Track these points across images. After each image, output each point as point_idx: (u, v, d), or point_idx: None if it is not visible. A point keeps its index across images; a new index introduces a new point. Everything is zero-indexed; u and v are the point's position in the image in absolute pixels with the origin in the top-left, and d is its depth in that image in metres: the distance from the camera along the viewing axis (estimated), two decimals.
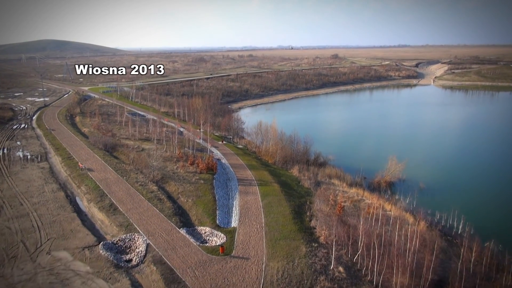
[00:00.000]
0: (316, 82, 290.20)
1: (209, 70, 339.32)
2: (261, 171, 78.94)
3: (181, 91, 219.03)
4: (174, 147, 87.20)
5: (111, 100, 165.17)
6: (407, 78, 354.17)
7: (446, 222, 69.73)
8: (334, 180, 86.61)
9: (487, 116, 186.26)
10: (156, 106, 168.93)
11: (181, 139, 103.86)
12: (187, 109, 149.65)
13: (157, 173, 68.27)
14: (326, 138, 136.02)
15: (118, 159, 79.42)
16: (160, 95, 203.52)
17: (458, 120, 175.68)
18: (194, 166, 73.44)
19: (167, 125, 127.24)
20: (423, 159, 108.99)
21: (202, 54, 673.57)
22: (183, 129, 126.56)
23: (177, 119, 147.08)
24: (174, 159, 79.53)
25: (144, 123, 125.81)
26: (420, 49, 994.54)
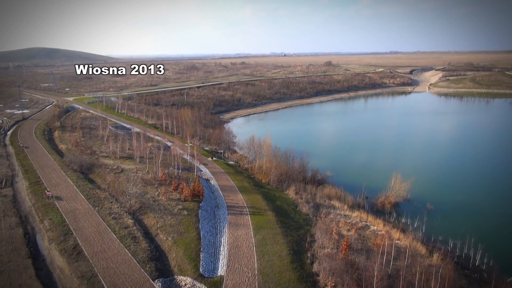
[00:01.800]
0: (310, 90, 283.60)
1: (201, 78, 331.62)
2: (254, 195, 70.74)
3: (171, 101, 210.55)
4: (157, 167, 78.76)
5: (95, 112, 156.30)
6: (401, 85, 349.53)
7: (461, 251, 62.12)
8: (334, 201, 78.79)
9: (494, 125, 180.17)
10: (143, 117, 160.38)
11: (167, 155, 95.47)
12: (176, 121, 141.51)
13: (135, 201, 59.81)
14: (323, 151, 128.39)
15: (93, 183, 70.73)
16: (148, 105, 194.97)
17: (464, 130, 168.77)
18: (178, 191, 65.06)
19: (153, 139, 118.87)
20: (428, 175, 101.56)
21: (194, 61, 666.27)
22: (171, 144, 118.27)
23: (165, 132, 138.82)
24: (156, 182, 71.04)
25: (128, 138, 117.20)
26: (412, 55, 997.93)
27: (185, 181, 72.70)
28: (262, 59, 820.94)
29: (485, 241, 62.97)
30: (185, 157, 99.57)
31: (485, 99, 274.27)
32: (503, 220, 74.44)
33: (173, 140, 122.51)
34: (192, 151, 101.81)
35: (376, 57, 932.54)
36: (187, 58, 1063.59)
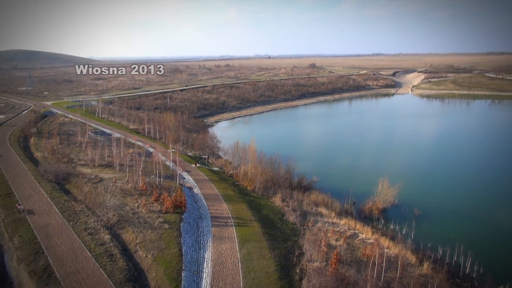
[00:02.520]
0: (295, 93, 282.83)
1: (184, 81, 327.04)
2: (239, 204, 68.21)
3: (154, 105, 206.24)
4: (138, 176, 75.38)
5: (74, 117, 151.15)
6: (385, 87, 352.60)
7: (451, 259, 60.91)
8: (321, 208, 76.96)
9: (477, 127, 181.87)
10: (124, 122, 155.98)
11: (149, 162, 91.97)
12: (158, 126, 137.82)
13: (113, 214, 56.47)
14: (309, 155, 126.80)
15: (69, 195, 66.92)
16: (130, 109, 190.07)
17: (449, 133, 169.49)
18: (159, 202, 61.96)
19: (134, 145, 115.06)
20: (415, 179, 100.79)
21: (178, 64, 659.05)
22: (153, 150, 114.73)
23: (147, 137, 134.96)
24: (136, 193, 67.72)
25: (108, 144, 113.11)
26: (394, 57, 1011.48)
27: (167, 190, 69.59)
28: (246, 61, 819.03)
29: (474, 247, 61.92)
30: (167, 164, 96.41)
31: (466, 100, 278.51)
32: (491, 225, 73.78)
33: (155, 146, 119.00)
34: (174, 157, 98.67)
35: (359, 59, 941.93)
36: (171, 60, 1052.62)
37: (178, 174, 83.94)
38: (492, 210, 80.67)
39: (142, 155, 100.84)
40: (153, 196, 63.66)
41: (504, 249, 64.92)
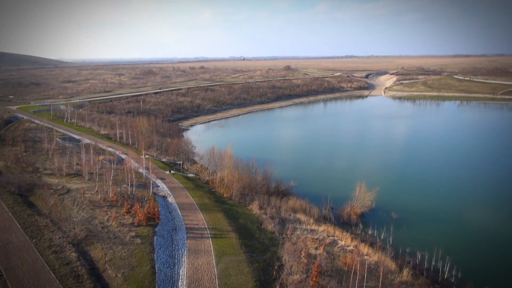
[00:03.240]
0: (271, 95, 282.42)
1: (158, 83, 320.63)
2: (216, 213, 65.85)
3: (126, 108, 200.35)
4: (108, 185, 71.65)
5: (41, 122, 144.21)
6: (359, 89, 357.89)
7: (430, 264, 60.81)
8: (299, 214, 75.67)
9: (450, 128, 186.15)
10: (95, 127, 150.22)
11: (120, 170, 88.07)
12: (131, 130, 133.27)
13: (81, 229, 52.89)
14: (285, 159, 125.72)
15: (33, 208, 62.51)
16: (101, 113, 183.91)
17: (423, 134, 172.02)
18: (131, 214, 58.73)
19: (105, 152, 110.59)
20: (390, 182, 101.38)
21: (151, 66, 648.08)
22: (125, 156, 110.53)
23: (118, 142, 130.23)
24: (106, 204, 64.11)
25: (77, 151, 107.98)
26: (367, 59, 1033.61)
27: (140, 201, 66.40)
28: (221, 63, 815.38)
29: (452, 251, 62.10)
30: (140, 171, 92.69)
31: (436, 101, 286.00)
32: (468, 228, 74.43)
33: (127, 152, 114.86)
34: (148, 164, 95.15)
35: (333, 61, 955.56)
36: (144, 62, 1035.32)
37: (151, 182, 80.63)
38: (468, 211, 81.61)
39: (113, 162, 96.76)
40: (124, 207, 60.32)
41: (480, 252, 65.46)
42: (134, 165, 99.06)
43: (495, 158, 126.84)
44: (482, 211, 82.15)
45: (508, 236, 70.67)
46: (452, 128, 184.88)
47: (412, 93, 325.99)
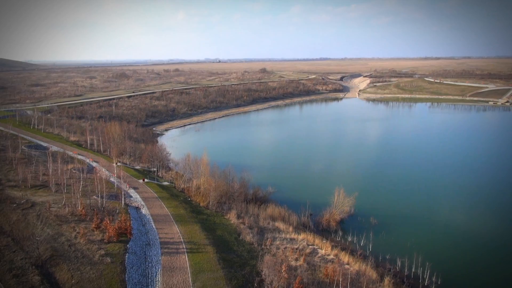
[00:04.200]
0: (247, 98, 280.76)
1: (131, 87, 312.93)
2: (192, 225, 63.20)
3: (98, 113, 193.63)
4: (77, 198, 67.59)
5: (5, 129, 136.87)
6: (334, 91, 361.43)
7: (410, 270, 60.40)
8: (278, 223, 74.02)
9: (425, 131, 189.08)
10: (64, 133, 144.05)
11: (91, 180, 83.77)
12: (102, 137, 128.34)
13: (46, 248, 49.10)
14: (263, 165, 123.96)
15: None
16: (71, 119, 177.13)
17: (400, 137, 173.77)
18: (101, 229, 55.25)
19: (75, 159, 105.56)
20: (368, 186, 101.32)
21: (124, 68, 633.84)
22: (95, 164, 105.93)
23: (89, 150, 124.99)
24: (74, 219, 60.23)
25: (44, 160, 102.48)
26: (341, 62, 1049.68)
27: (111, 214, 62.92)
28: (196, 66, 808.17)
29: (431, 257, 61.91)
30: (112, 181, 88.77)
31: (408, 103, 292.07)
32: (446, 232, 74.50)
33: (98, 160, 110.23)
34: (120, 172, 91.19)
35: (308, 63, 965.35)
36: (117, 64, 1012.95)
37: (123, 193, 76.99)
38: (446, 216, 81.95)
39: (83, 171, 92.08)
40: (93, 222, 56.71)
41: (459, 257, 65.64)
42: (106, 174, 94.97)
43: (472, 161, 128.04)
44: (461, 215, 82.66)
45: (487, 241, 71.00)
46: (426, 130, 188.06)
47: (385, 95, 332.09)
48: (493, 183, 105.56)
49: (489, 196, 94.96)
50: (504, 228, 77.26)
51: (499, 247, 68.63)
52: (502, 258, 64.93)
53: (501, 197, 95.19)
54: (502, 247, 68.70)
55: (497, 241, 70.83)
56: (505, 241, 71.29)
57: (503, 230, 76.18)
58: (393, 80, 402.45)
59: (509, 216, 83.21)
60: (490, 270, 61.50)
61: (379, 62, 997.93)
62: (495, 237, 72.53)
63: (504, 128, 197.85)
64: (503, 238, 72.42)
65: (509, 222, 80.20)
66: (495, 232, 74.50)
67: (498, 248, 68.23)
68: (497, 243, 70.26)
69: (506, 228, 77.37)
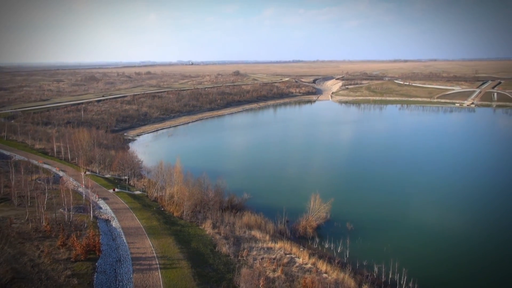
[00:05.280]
0: (221, 102, 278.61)
1: (101, 91, 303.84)
2: (165, 238, 60.77)
3: (65, 119, 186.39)
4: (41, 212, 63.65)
5: None
6: (307, 94, 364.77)
7: (387, 277, 60.33)
8: (254, 231, 72.69)
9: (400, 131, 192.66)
10: (29, 141, 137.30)
11: (57, 191, 79.56)
12: (70, 144, 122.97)
13: (6, 270, 45.49)
14: (238, 170, 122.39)
15: None
16: (36, 125, 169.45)
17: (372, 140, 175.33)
18: (68, 247, 51.98)
19: (40, 169, 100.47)
20: (343, 190, 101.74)
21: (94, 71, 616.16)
22: (63, 174, 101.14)
23: (56, 158, 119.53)
24: (38, 236, 56.53)
25: (7, 170, 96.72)
26: (313, 64, 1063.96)
27: (78, 229, 59.56)
28: (169, 68, 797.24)
29: (408, 262, 62.31)
30: (80, 191, 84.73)
31: (379, 105, 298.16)
32: (423, 236, 74.74)
33: (65, 169, 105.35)
34: (90, 180, 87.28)
35: (281, 65, 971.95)
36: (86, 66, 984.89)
37: (92, 204, 73.46)
38: (423, 220, 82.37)
39: (49, 181, 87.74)
40: (59, 239, 53.31)
41: (435, 261, 66.04)
42: (73, 184, 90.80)
43: (446, 163, 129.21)
44: (436, 219, 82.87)
45: (463, 244, 71.82)
46: (398, 133, 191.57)
47: (357, 98, 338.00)
48: (468, 184, 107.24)
49: (465, 198, 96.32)
50: (481, 230, 78.29)
51: (475, 250, 69.38)
52: (479, 261, 65.63)
53: (476, 198, 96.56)
54: (478, 250, 69.37)
55: (474, 244, 71.73)
56: (482, 244, 72.00)
57: (479, 232, 77.16)
58: (364, 83, 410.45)
59: (485, 218, 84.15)
60: (466, 274, 62.13)
61: (350, 64, 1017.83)
62: (472, 240, 73.57)
63: (471, 128, 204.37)
64: (479, 241, 73.27)
65: (485, 224, 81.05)
66: (472, 235, 75.66)
67: (475, 251, 68.98)
68: (473, 246, 71.11)
69: (483, 230, 78.32)
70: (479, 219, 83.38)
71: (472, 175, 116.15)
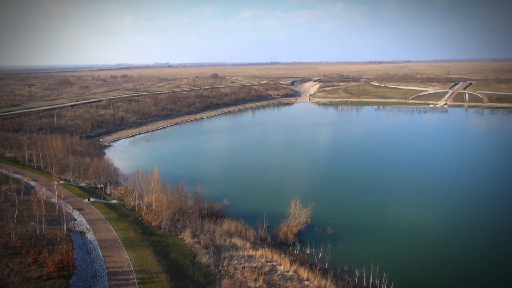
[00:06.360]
0: (199, 105, 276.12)
1: (75, 95, 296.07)
2: (143, 250, 59.00)
3: (38, 125, 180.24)
4: (11, 226, 60.66)
5: None
6: (285, 96, 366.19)
7: (368, 282, 60.57)
8: (235, 239, 71.72)
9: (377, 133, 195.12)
10: None
11: (28, 203, 76.29)
12: (43, 151, 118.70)
13: None
14: (217, 175, 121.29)
15: None
16: (6, 131, 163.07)
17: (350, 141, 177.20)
18: (39, 264, 49.56)
19: (11, 179, 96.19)
20: (323, 194, 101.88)
21: (68, 74, 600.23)
22: (35, 183, 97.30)
23: (28, 167, 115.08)
24: (7, 253, 53.68)
25: None
26: (291, 66, 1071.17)
27: (51, 243, 57.06)
28: (145, 71, 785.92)
29: (388, 266, 62.63)
30: (53, 202, 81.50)
31: (356, 107, 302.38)
32: (402, 240, 75.35)
33: (38, 178, 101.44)
34: (63, 192, 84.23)
35: (259, 67, 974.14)
36: (59, 69, 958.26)
37: (66, 216, 70.72)
38: (400, 222, 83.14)
39: (20, 192, 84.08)
40: (30, 256, 50.80)
41: (415, 264, 66.85)
42: (46, 195, 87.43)
43: (427, 164, 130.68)
44: (417, 222, 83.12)
45: (444, 246, 72.60)
46: (376, 134, 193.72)
47: (334, 99, 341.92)
48: (448, 185, 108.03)
49: (445, 200, 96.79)
50: (461, 232, 79.00)
51: (456, 252, 69.95)
52: (459, 264, 66.28)
53: (456, 199, 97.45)
54: (459, 253, 69.97)
55: (454, 246, 72.47)
56: (462, 245, 72.83)
57: (459, 234, 77.90)
58: (341, 85, 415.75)
59: (465, 219, 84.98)
60: (446, 277, 62.50)
61: (327, 66, 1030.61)
62: (452, 241, 74.37)
63: (446, 128, 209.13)
64: (459, 243, 74.03)
65: (465, 225, 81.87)
66: (452, 236, 76.51)
67: (455, 253, 69.52)
68: (454, 248, 71.81)
69: (462, 232, 79.06)
70: (459, 221, 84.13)
71: (451, 176, 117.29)
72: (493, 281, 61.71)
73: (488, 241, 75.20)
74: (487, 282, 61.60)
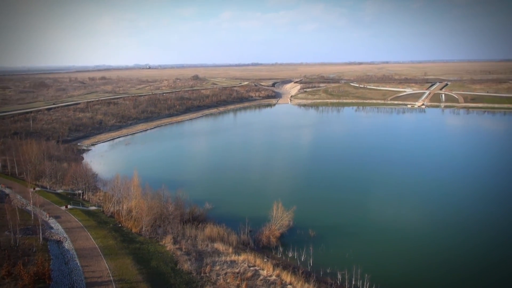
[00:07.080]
0: (180, 107, 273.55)
1: (52, 98, 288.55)
2: (122, 258, 57.71)
3: (12, 129, 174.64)
4: None
5: None
6: (267, 98, 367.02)
7: (351, 284, 61.01)
8: (217, 244, 71.08)
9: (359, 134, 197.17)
10: None
11: (2, 211, 73.69)
12: (17, 157, 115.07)
13: None
14: (198, 179, 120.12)
15: None
16: None
17: (331, 143, 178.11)
18: (13, 277, 47.76)
19: None
20: (305, 196, 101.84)
21: (44, 76, 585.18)
22: (9, 191, 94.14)
23: (2, 174, 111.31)
24: None
25: None
26: (272, 67, 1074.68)
27: (26, 254, 55.11)
28: (125, 73, 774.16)
29: (369, 267, 63.07)
30: (28, 210, 78.96)
31: (337, 108, 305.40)
32: (383, 241, 75.85)
33: (12, 185, 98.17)
34: (39, 199, 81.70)
35: (240, 69, 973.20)
36: (35, 71, 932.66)
37: (41, 225, 68.46)
38: (380, 224, 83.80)
39: None
40: (3, 268, 48.89)
41: (396, 265, 67.47)
42: (21, 203, 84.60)
43: (409, 164, 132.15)
44: (398, 223, 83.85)
45: (425, 247, 73.11)
46: (356, 134, 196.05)
47: (315, 101, 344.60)
48: (429, 184, 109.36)
49: (426, 200, 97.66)
50: (443, 231, 79.69)
51: (437, 253, 70.43)
52: (441, 264, 66.83)
53: (437, 199, 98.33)
54: (438, 253, 70.52)
55: (436, 247, 73.04)
56: (444, 246, 73.32)
57: (441, 234, 78.59)
58: (321, 86, 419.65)
59: (445, 219, 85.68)
60: (428, 277, 63.06)
61: (307, 67, 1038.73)
62: (433, 242, 74.96)
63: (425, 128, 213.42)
64: (441, 242, 74.69)
65: (446, 225, 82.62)
66: (433, 237, 77.11)
67: (436, 254, 69.89)
68: (435, 248, 72.36)
69: (445, 231, 79.73)
70: (439, 221, 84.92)
71: (431, 175, 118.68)
72: (480, 282, 62.54)
73: (469, 237, 76.81)
74: (471, 282, 62.24)
